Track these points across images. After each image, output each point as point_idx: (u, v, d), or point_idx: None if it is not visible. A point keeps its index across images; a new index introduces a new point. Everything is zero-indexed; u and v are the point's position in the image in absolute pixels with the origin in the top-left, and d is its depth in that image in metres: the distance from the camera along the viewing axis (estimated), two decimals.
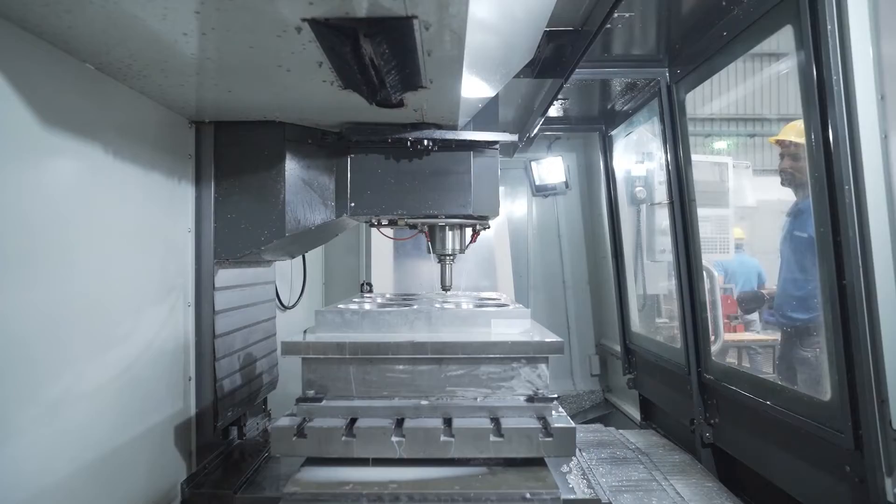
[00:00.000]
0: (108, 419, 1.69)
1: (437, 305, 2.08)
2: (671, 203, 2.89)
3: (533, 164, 5.39)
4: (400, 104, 1.98)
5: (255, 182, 2.27)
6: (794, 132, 3.06)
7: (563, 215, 5.56)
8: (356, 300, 2.39)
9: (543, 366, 1.75)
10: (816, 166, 1.80)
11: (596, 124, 4.18)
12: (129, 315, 1.81)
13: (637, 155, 4.19)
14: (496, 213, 2.47)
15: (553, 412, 1.70)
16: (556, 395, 1.70)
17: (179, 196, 2.17)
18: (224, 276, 2.35)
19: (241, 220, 2.27)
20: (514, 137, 2.41)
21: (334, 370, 1.73)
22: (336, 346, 1.70)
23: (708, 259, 2.76)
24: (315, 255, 4.62)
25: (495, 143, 2.41)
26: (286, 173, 2.26)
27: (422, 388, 1.74)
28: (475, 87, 2.07)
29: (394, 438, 1.60)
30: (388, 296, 2.76)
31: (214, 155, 2.27)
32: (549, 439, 1.61)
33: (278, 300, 3.46)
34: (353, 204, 2.37)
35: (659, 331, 4.19)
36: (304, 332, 1.88)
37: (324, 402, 1.70)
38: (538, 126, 4.03)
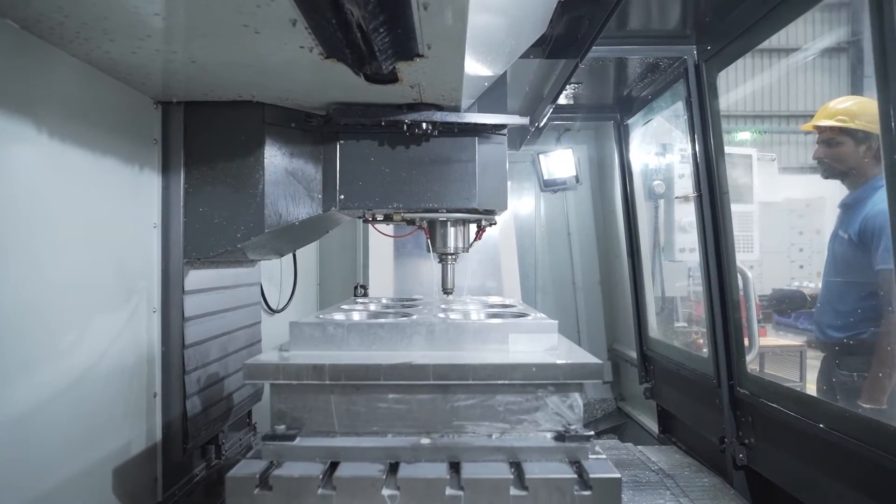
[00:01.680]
0: (42, 451, 1.44)
1: (441, 315, 1.81)
2: (699, 196, 2.63)
3: (541, 157, 5.15)
4: (393, 78, 1.73)
5: (231, 171, 2.04)
6: (825, 115, 2.79)
7: (573, 212, 5.33)
8: (345, 307, 2.14)
9: (577, 395, 1.45)
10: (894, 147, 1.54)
11: (610, 113, 3.92)
12: (74, 324, 1.56)
13: (655, 145, 3.93)
14: (504, 207, 2.23)
15: (589, 454, 1.39)
16: (592, 433, 1.39)
17: (143, 186, 1.92)
18: (196, 277, 2.10)
19: (214, 214, 2.03)
20: (525, 120, 2.17)
21: (311, 399, 1.44)
22: (313, 368, 1.41)
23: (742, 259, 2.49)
24: (309, 254, 4.39)
25: (503, 127, 2.17)
26: (265, 161, 2.03)
27: (422, 423, 1.44)
28: (480, 64, 1.83)
29: (385, 492, 1.29)
30: (384, 301, 2.50)
31: (184, 140, 2.03)
32: (587, 493, 1.29)
33: (265, 303, 3.22)
34: (342, 196, 2.15)
35: (681, 337, 3.93)
36: (279, 349, 1.61)
37: (297, 441, 1.40)
38: (548, 114, 3.79)
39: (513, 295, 4.08)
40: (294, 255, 3.66)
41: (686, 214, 3.90)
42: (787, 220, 8.11)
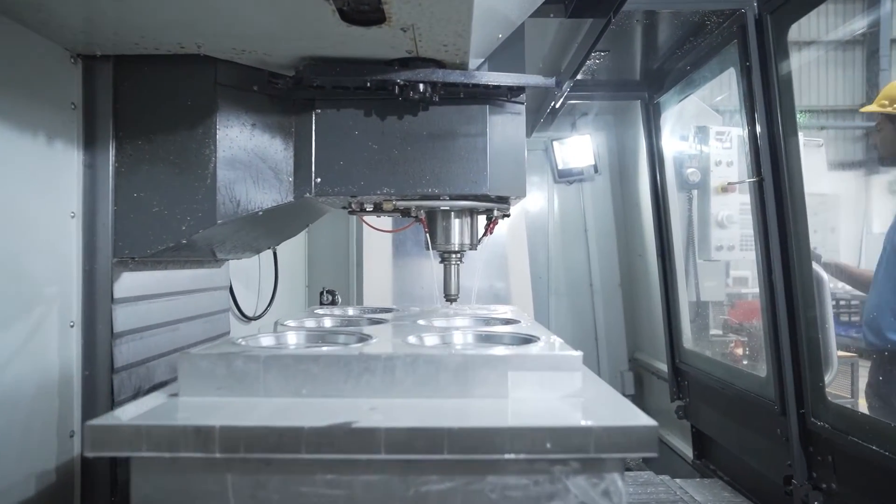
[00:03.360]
0: None
1: (412, 340, 1.37)
2: (759, 181, 2.22)
3: (555, 144, 4.76)
4: (379, 16, 1.34)
5: (174, 146, 1.66)
6: None
7: (590, 205, 4.96)
8: (290, 322, 1.75)
9: (616, 476, 0.98)
10: None
11: (637, 90, 3.51)
12: None
13: (691, 128, 3.52)
14: (522, 193, 1.89)
15: None
16: None
17: (55, 164, 1.54)
18: (131, 281, 1.71)
19: (153, 201, 1.66)
20: (551, 81, 1.76)
21: (195, 482, 0.97)
22: (196, 433, 0.94)
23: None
24: (296, 251, 4.00)
25: (521, 91, 1.79)
26: (218, 133, 1.66)
27: None
28: (491, 10, 1.43)
29: None
30: (350, 312, 2.11)
31: (114, 105, 1.65)
32: None
33: (237, 309, 2.83)
34: (318, 180, 1.78)
35: (721, 349, 3.52)
36: (167, 393, 1.17)
37: None
38: (566, 92, 3.40)
39: (523, 299, 3.70)
40: (275, 253, 3.28)
41: (724, 207, 3.51)
42: None
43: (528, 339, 1.45)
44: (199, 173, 1.63)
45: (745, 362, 3.43)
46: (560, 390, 1.14)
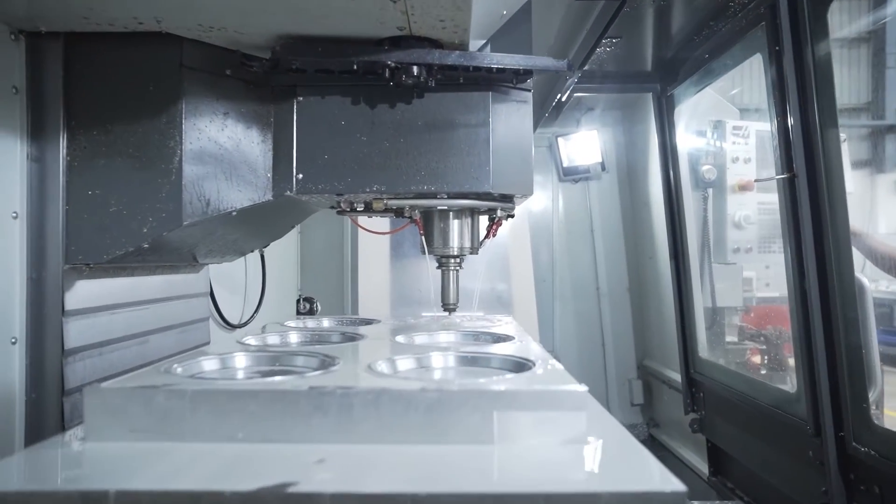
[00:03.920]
0: None
1: (382, 367, 1.17)
2: (791, 178, 2.02)
3: (560, 140, 4.60)
4: None
5: (135, 137, 1.47)
6: None
7: (596, 205, 4.82)
8: (250, 340, 1.56)
9: None
10: None
11: (648, 82, 3.33)
12: None
13: (708, 122, 3.34)
14: (529, 191, 1.73)
15: None
16: None
17: None
18: (87, 290, 1.55)
19: (110, 199, 1.49)
20: (562, 64, 1.58)
21: None
22: (81, 501, 0.73)
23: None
24: (287, 253, 3.82)
25: (529, 75, 1.62)
26: (184, 123, 1.50)
27: None
28: None
29: None
30: (326, 324, 1.92)
31: (65, 91, 1.47)
32: None
33: (220, 318, 2.65)
34: (300, 176, 1.61)
35: (741, 359, 3.33)
36: (72, 437, 0.95)
37: None
38: (573, 84, 3.23)
39: (526, 304, 3.51)
40: (262, 256, 3.10)
41: (741, 207, 3.33)
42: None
43: (522, 362, 1.25)
44: (163, 168, 1.47)
45: (764, 372, 3.25)
46: (560, 434, 0.94)
